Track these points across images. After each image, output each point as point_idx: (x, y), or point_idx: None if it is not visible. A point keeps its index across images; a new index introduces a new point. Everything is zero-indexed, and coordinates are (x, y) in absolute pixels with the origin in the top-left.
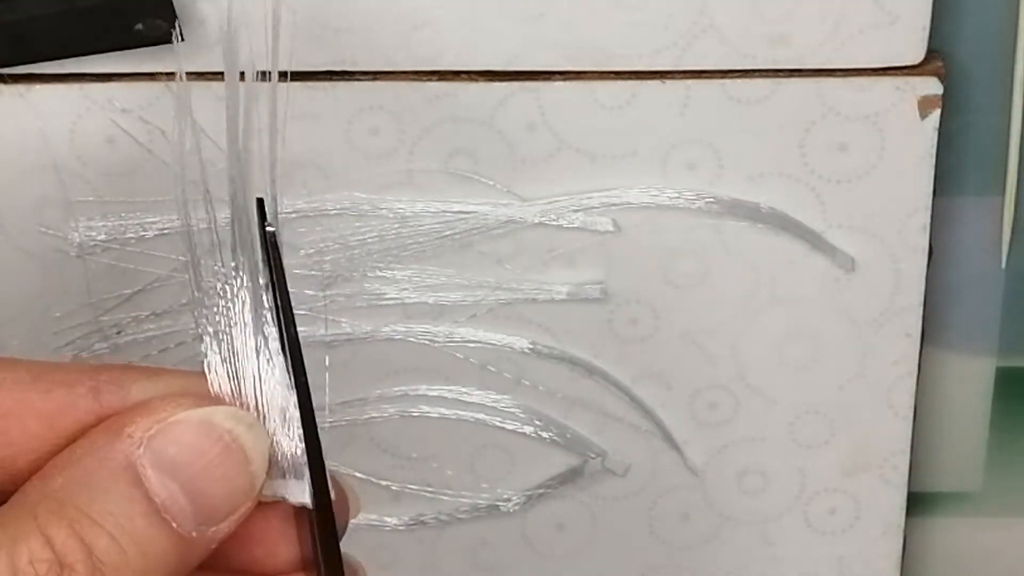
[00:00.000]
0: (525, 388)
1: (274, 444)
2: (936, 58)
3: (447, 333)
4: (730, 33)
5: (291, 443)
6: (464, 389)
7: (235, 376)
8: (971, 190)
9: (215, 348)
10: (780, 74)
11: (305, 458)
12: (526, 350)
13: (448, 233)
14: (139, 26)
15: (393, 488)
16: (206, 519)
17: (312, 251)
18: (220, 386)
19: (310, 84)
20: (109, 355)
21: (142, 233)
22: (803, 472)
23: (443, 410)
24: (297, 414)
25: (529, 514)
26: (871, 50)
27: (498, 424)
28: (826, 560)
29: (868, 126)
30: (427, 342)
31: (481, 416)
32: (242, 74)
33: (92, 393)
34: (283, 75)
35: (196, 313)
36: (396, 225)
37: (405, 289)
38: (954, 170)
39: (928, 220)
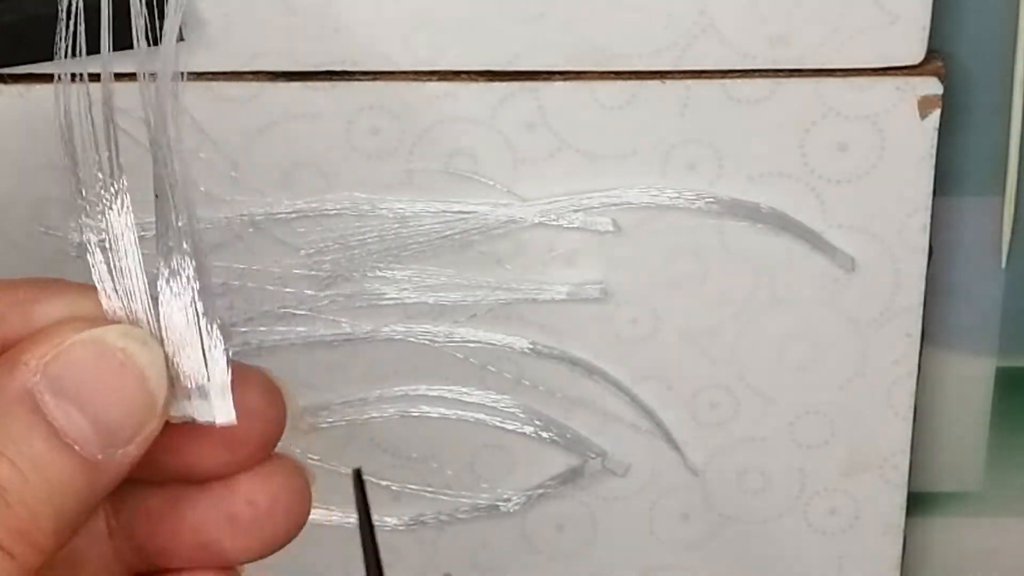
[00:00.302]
0: (525, 388)
1: (175, 364)
2: (936, 58)
3: (447, 333)
4: (730, 33)
5: (192, 362)
6: (464, 389)
7: (128, 296)
8: (971, 190)
9: (105, 270)
10: (780, 74)
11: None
12: (526, 350)
13: (448, 233)
14: None
15: (393, 488)
16: (110, 441)
17: (312, 251)
18: (114, 308)
19: (310, 84)
20: None
21: (142, 233)
22: (803, 472)
23: (443, 410)
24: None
25: (529, 514)
26: (871, 50)
27: (498, 424)
28: (826, 560)
29: (868, 126)
30: (427, 342)
31: (481, 416)
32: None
33: None
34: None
35: (83, 235)
36: (396, 225)
37: (405, 289)
38: (954, 170)
39: (928, 220)
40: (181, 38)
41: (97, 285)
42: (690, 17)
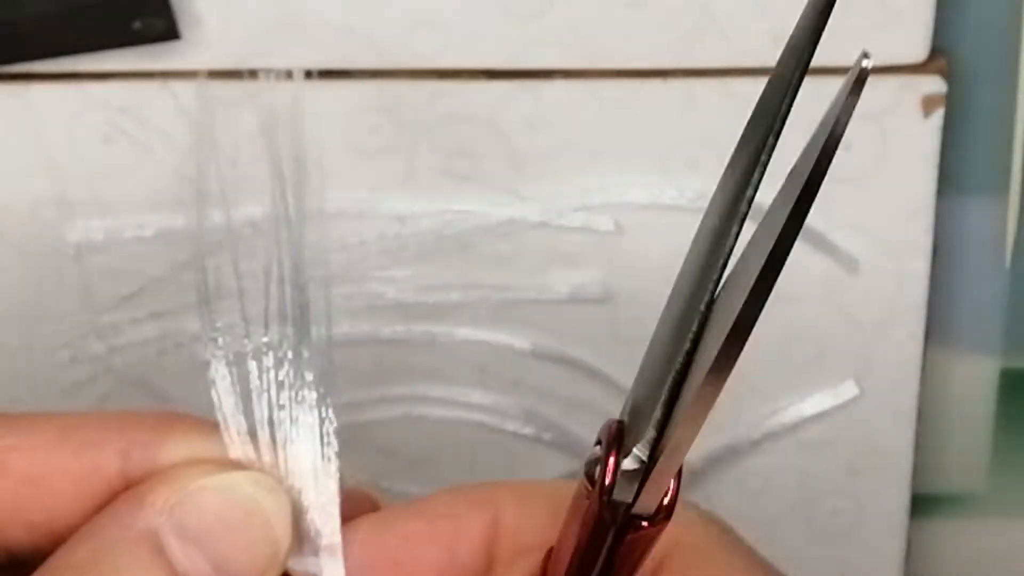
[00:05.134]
0: (526, 389)
1: (306, 518)
2: (940, 56)
3: (447, 333)
4: (732, 31)
5: (322, 513)
6: (464, 390)
7: (260, 439)
8: (975, 189)
9: (232, 410)
10: None
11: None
12: (527, 351)
13: (448, 233)
14: (136, 24)
15: (393, 490)
16: None
17: (312, 251)
18: (239, 451)
19: (310, 84)
20: (106, 357)
21: (140, 233)
22: (805, 473)
23: (443, 411)
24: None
25: None
26: (874, 48)
27: (498, 426)
28: (829, 562)
29: (871, 125)
30: (427, 342)
31: (481, 417)
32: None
33: (121, 455)
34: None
35: (212, 371)
36: (396, 225)
37: (405, 289)
38: (958, 169)
39: (932, 219)
40: (178, 36)
41: (222, 426)
42: (691, 15)
